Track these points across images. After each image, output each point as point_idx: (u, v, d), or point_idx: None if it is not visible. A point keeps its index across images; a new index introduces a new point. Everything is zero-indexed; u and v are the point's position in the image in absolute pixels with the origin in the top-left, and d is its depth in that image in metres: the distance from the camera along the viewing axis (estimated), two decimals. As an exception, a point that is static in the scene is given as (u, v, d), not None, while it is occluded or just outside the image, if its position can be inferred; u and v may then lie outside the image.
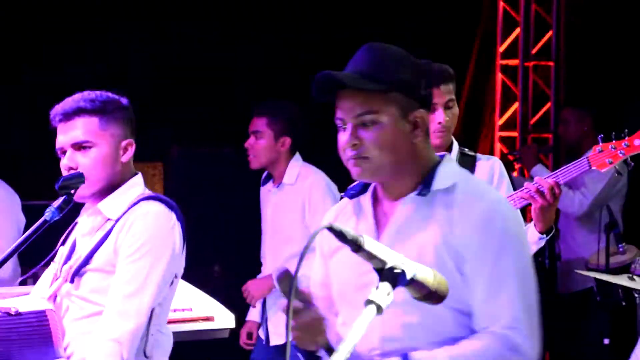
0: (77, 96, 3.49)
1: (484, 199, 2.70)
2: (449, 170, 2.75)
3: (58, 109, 3.47)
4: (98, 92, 3.51)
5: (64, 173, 3.46)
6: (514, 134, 8.60)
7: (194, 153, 7.80)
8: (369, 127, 2.67)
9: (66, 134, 3.46)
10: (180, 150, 7.71)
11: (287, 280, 2.58)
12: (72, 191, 3.39)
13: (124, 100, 3.55)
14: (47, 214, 3.36)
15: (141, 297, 3.37)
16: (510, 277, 2.65)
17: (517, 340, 2.62)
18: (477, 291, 2.65)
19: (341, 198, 2.91)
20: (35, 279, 5.13)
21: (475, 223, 2.65)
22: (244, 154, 5.74)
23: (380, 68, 2.69)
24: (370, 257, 2.23)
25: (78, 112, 3.44)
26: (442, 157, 2.81)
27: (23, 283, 4.25)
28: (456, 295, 2.59)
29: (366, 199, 2.81)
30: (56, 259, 3.62)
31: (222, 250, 7.56)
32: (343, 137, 2.71)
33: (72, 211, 3.47)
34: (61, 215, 3.37)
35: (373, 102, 2.67)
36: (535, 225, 4.07)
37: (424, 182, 2.72)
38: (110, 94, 3.52)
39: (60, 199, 3.38)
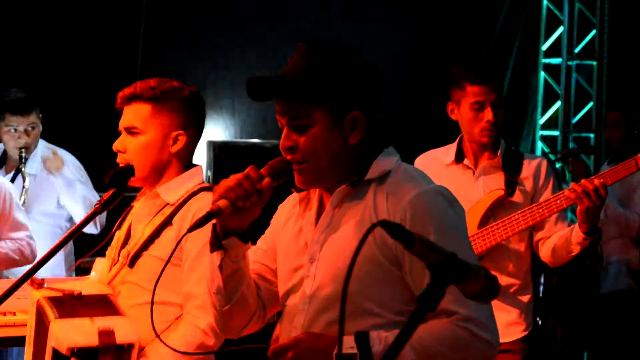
0: (142, 82, 3.50)
1: (414, 188, 2.58)
2: (384, 160, 2.65)
3: (121, 92, 3.49)
4: (164, 80, 3.51)
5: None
6: (556, 132, 8.57)
7: (234, 147, 7.83)
8: (302, 131, 2.59)
9: (124, 117, 3.49)
10: (219, 145, 7.73)
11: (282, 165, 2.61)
12: (122, 183, 3.40)
13: (188, 91, 3.52)
14: (97, 206, 3.38)
15: None
16: None
17: (479, 333, 2.50)
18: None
19: (291, 192, 2.81)
20: (78, 270, 5.15)
21: (403, 213, 2.53)
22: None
23: (312, 73, 2.57)
24: (423, 254, 2.09)
25: (135, 98, 3.46)
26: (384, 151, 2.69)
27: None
28: (382, 290, 2.55)
29: (316, 190, 2.74)
30: (113, 243, 3.61)
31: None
32: (282, 138, 2.64)
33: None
34: (111, 207, 3.39)
35: (303, 109, 2.58)
36: (580, 225, 4.06)
37: (357, 174, 2.63)
38: (175, 84, 3.50)
39: (110, 192, 3.39)
